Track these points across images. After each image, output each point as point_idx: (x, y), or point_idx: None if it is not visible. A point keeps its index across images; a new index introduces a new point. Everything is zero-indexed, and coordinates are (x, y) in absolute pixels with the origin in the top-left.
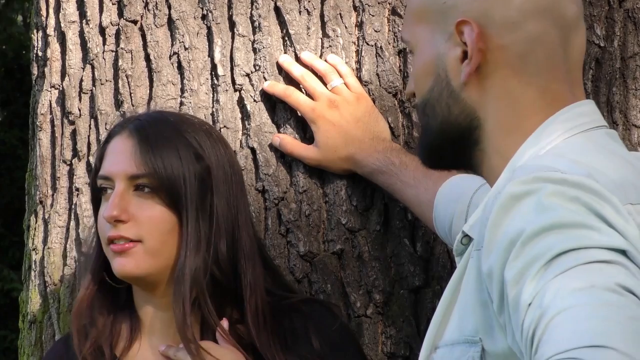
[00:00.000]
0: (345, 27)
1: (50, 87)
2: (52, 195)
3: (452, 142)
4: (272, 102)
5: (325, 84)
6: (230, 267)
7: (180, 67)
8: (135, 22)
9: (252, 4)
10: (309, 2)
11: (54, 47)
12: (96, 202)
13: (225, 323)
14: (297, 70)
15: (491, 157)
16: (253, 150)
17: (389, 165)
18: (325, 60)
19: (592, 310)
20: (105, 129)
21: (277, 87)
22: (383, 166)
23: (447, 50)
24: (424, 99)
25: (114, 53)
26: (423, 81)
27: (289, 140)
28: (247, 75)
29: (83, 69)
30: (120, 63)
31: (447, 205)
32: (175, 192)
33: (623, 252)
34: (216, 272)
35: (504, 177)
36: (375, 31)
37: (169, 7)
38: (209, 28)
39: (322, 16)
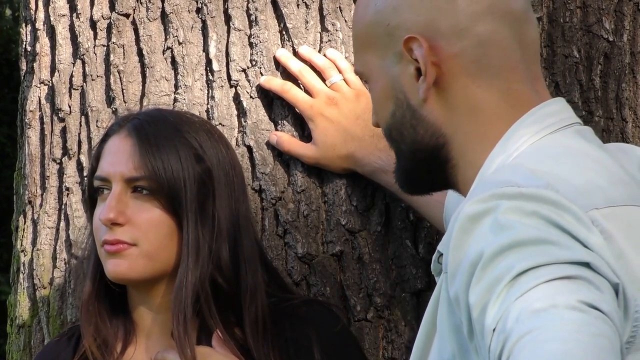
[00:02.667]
0: (345, 20)
1: (40, 83)
2: (42, 195)
3: (425, 164)
4: (269, 99)
5: (324, 80)
6: (231, 272)
7: (174, 62)
8: (127, 15)
9: None
10: None
11: (44, 41)
12: (91, 203)
13: (220, 333)
14: (294, 65)
15: (465, 170)
16: (249, 149)
17: (392, 164)
18: (325, 55)
19: (554, 331)
20: (97, 126)
21: (274, 82)
22: (386, 165)
23: (400, 71)
24: (388, 125)
25: (105, 48)
26: (383, 107)
27: (287, 138)
28: (243, 70)
29: (73, 64)
30: (111, 58)
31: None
32: (175, 196)
33: (586, 265)
34: (218, 278)
35: (472, 190)
36: None
37: (163, 0)
38: (203, 22)
39: (320, 9)
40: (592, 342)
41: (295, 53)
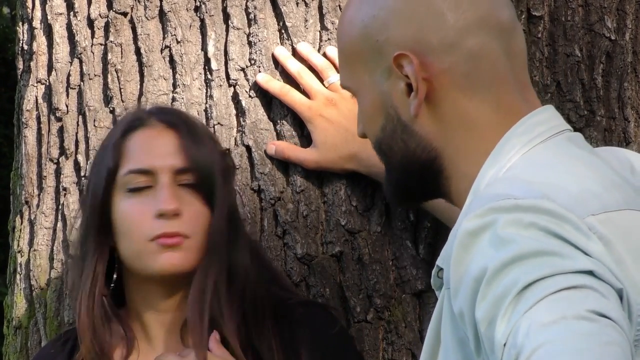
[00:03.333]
0: None
1: (37, 82)
2: (39, 195)
3: (416, 176)
4: (268, 98)
5: (322, 80)
6: (242, 269)
7: (172, 61)
8: (125, 14)
9: None
10: None
11: (40, 40)
12: (104, 202)
13: (217, 335)
14: (293, 66)
15: (458, 182)
16: (248, 148)
17: None
18: (324, 53)
19: (566, 343)
20: (94, 125)
21: (273, 84)
22: None
23: (391, 86)
24: (377, 139)
25: (102, 46)
26: (373, 121)
27: (285, 146)
28: (242, 69)
29: (70, 63)
30: (109, 57)
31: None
32: (211, 189)
33: (590, 273)
34: (231, 275)
35: (467, 202)
36: None
37: None
38: (202, 20)
39: (320, 8)
40: (605, 351)
41: (295, 52)
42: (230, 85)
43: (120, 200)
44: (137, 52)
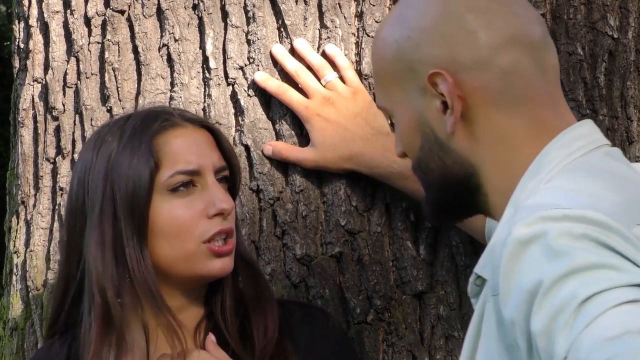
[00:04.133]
0: (345, 17)
1: (33, 81)
2: (35, 195)
3: (454, 193)
4: (267, 97)
5: (319, 79)
6: (247, 262)
7: (170, 59)
8: (122, 12)
9: None
10: None
11: (37, 38)
12: (147, 205)
13: (212, 337)
14: (290, 65)
15: (494, 197)
16: (247, 148)
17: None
18: (323, 51)
19: (632, 358)
20: (91, 125)
21: (270, 83)
22: (406, 170)
23: (426, 105)
24: (417, 158)
25: (100, 45)
26: (411, 140)
27: (282, 146)
28: (241, 68)
29: (67, 61)
30: (106, 55)
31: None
32: (237, 185)
33: None
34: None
35: (507, 215)
36: (376, 22)
37: None
38: (200, 18)
39: (319, 6)
40: None
41: (293, 50)
42: (228, 84)
43: (163, 202)
44: (135, 50)
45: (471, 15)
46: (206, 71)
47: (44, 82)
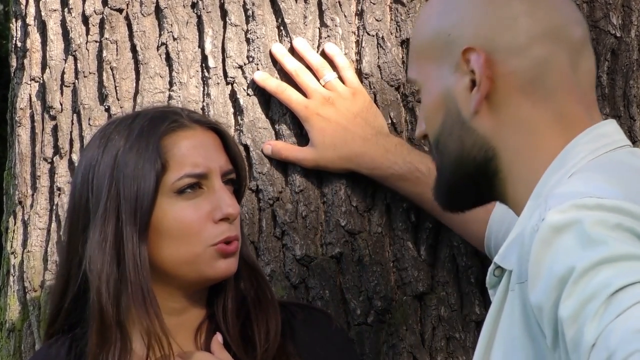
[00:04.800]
0: (345, 15)
1: (30, 80)
2: (32, 195)
3: (470, 177)
4: (266, 96)
5: (318, 79)
6: (250, 265)
7: (168, 58)
8: (120, 10)
9: None
10: None
11: (34, 37)
12: (152, 206)
13: (219, 337)
14: (290, 64)
15: (514, 185)
16: (246, 148)
17: (414, 172)
18: (323, 50)
19: None
20: (89, 124)
21: (269, 82)
22: (406, 172)
23: (455, 81)
24: (436, 136)
25: (97, 44)
26: (434, 117)
27: (282, 145)
28: (240, 67)
29: (65, 60)
30: (104, 54)
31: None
32: (243, 188)
33: None
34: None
35: (530, 205)
36: (377, 20)
37: None
38: (199, 17)
39: (319, 4)
40: None
41: (293, 49)
42: (227, 83)
43: (169, 205)
44: (133, 49)
45: (516, 0)
46: (205, 70)
47: (41, 81)
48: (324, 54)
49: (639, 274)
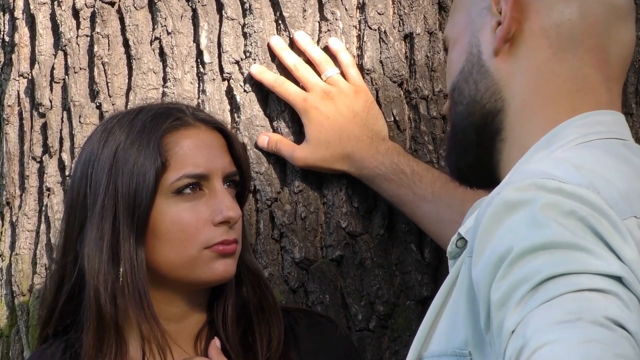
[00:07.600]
0: (346, 9)
1: (19, 76)
2: (21, 195)
3: (477, 130)
4: (264, 93)
5: (319, 74)
6: (252, 270)
7: (162, 53)
8: (112, 3)
9: None
10: None
11: (23, 31)
12: (149, 206)
13: (217, 342)
14: (289, 58)
15: (511, 146)
16: (243, 146)
17: (398, 174)
18: (326, 45)
19: (575, 346)
20: (80, 122)
21: (267, 75)
22: (390, 173)
23: (482, 24)
24: (453, 83)
25: (88, 38)
26: (455, 65)
27: (278, 138)
28: (237, 62)
29: (55, 55)
30: (95, 49)
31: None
32: (247, 192)
33: (618, 279)
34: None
35: (506, 178)
36: (379, 14)
37: None
38: (194, 10)
39: None
40: None
41: (292, 43)
42: (224, 79)
43: (168, 205)
44: (125, 44)
45: None
46: (200, 66)
47: (30, 77)
48: (326, 50)
49: (574, 265)
